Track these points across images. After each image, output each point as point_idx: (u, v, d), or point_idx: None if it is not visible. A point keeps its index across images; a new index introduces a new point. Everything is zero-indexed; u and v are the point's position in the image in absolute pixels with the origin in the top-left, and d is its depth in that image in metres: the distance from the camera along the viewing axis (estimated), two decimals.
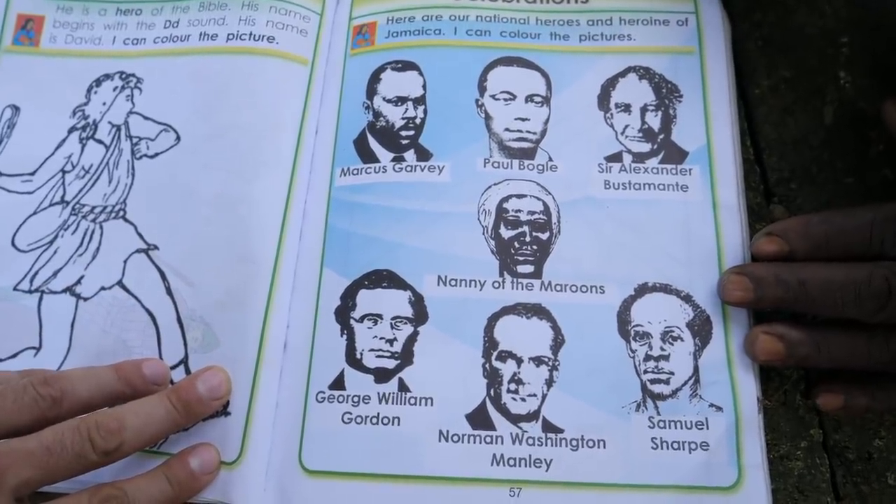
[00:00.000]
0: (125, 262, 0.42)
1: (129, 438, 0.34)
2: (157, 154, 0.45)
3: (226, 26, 0.47)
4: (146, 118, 0.46)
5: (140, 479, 0.35)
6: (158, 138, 0.45)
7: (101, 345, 0.40)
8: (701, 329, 0.39)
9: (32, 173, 0.45)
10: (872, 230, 0.36)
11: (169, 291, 0.41)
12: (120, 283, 0.42)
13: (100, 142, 0.45)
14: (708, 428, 0.37)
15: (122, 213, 0.43)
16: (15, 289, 0.42)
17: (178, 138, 0.45)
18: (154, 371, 0.38)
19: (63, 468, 0.33)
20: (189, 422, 0.37)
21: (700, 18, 0.46)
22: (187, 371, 0.39)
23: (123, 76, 0.47)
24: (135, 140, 0.45)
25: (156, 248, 0.42)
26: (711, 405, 0.38)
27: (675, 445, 0.37)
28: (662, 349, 0.39)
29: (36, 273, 0.42)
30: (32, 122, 0.46)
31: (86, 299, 0.42)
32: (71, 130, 0.46)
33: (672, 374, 0.38)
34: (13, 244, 0.43)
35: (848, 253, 0.37)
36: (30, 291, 0.42)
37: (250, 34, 0.47)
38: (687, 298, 0.40)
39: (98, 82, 0.47)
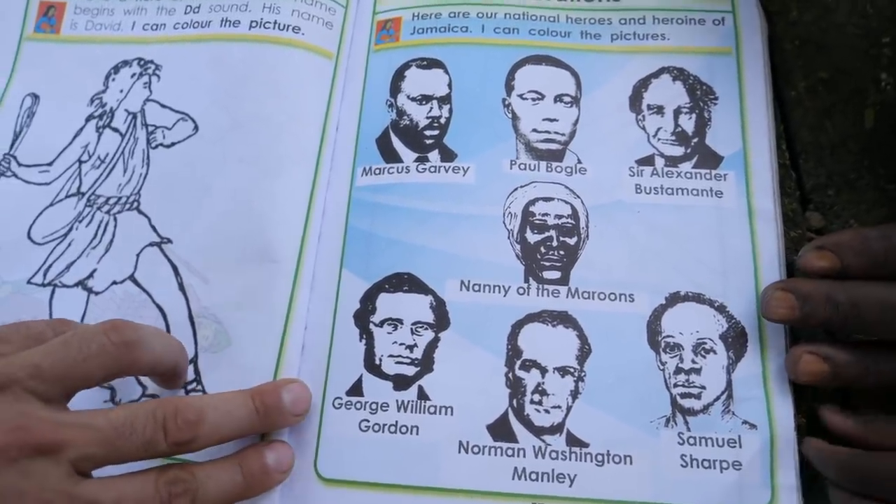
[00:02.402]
0: (138, 255, 0.41)
1: (204, 433, 0.32)
2: (173, 143, 0.44)
3: (249, 13, 0.46)
4: (164, 106, 0.45)
5: (211, 466, 0.33)
6: (175, 127, 0.44)
7: None
8: (735, 342, 0.38)
9: (50, 164, 0.44)
10: None
11: (181, 287, 0.40)
12: (132, 278, 0.41)
13: (116, 130, 0.44)
14: (741, 446, 0.36)
15: (136, 205, 0.42)
16: (29, 282, 0.41)
17: (196, 128, 0.44)
18: None
19: (129, 452, 0.31)
20: (265, 429, 0.36)
21: (737, 17, 0.44)
22: (196, 371, 0.38)
23: (142, 63, 0.46)
24: (151, 128, 0.44)
25: (169, 241, 0.41)
26: (745, 422, 0.36)
27: (706, 464, 0.36)
28: (694, 362, 0.37)
29: (50, 266, 0.41)
30: (51, 111, 0.45)
31: (97, 293, 0.41)
32: (88, 119, 0.45)
33: (704, 388, 0.37)
34: (29, 236, 0.42)
35: None
36: (43, 285, 0.41)
37: (275, 23, 0.45)
38: (721, 309, 0.38)
39: (116, 69, 0.46)
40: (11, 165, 0.44)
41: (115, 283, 0.41)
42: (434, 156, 0.42)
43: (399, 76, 0.44)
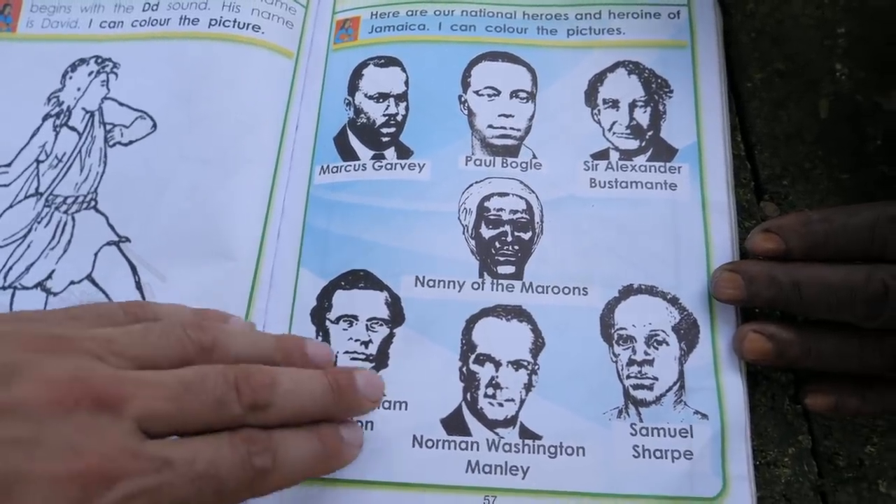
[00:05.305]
0: (96, 254, 0.41)
1: (278, 401, 0.30)
2: (131, 142, 0.44)
3: (208, 11, 0.46)
4: (122, 104, 0.45)
5: (289, 431, 0.31)
6: (133, 125, 0.44)
7: None
8: (687, 333, 0.38)
9: (8, 164, 0.44)
10: (874, 231, 0.35)
11: (139, 286, 0.40)
12: (89, 277, 0.41)
13: (73, 129, 0.44)
14: (692, 436, 0.36)
15: (93, 204, 0.42)
16: None
17: (155, 126, 0.44)
18: (317, 351, 0.35)
19: (198, 410, 0.28)
20: (340, 412, 0.33)
21: (693, 11, 0.45)
22: None
23: (99, 61, 0.46)
24: (108, 127, 0.44)
25: (127, 240, 0.41)
26: (696, 412, 0.36)
27: (658, 454, 0.36)
28: (646, 353, 0.38)
29: (10, 269, 0.42)
30: (8, 111, 0.45)
31: (56, 294, 0.41)
32: (45, 118, 0.45)
33: (656, 379, 0.37)
34: None
35: (847, 254, 0.35)
36: (3, 288, 0.41)
37: (234, 21, 0.46)
38: (673, 301, 0.38)
39: (73, 67, 0.46)
40: None
41: (72, 283, 0.41)
42: (390, 153, 0.42)
43: (357, 75, 0.44)
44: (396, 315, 0.39)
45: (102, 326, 0.30)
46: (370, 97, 0.44)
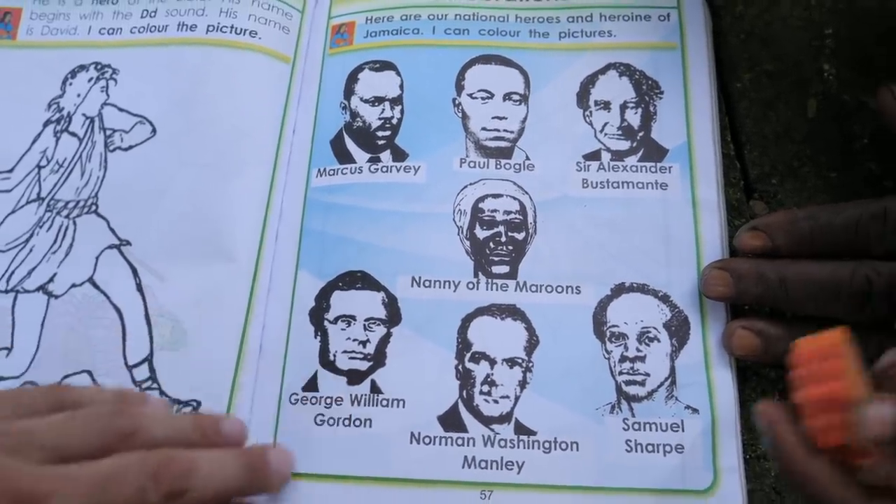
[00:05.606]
0: (97, 258, 0.42)
1: (196, 486, 0.30)
2: (131, 147, 0.44)
3: (206, 17, 0.47)
4: (121, 110, 0.45)
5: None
6: (133, 130, 0.45)
7: (67, 344, 0.40)
8: (678, 330, 0.39)
9: (10, 170, 0.44)
10: (858, 228, 0.36)
11: (139, 288, 0.41)
12: (91, 280, 0.42)
13: (73, 134, 0.45)
14: (683, 430, 0.37)
15: (94, 208, 0.43)
16: None
17: (154, 131, 0.45)
18: (232, 429, 0.35)
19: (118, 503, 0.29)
20: (253, 490, 0.34)
21: (682, 13, 0.45)
22: (151, 369, 0.39)
23: (99, 67, 0.47)
24: (108, 132, 0.45)
25: (128, 243, 0.42)
26: (688, 407, 0.37)
27: (650, 448, 0.37)
28: (639, 350, 0.38)
29: (12, 273, 0.42)
30: (9, 117, 0.46)
31: (57, 297, 0.42)
32: (46, 124, 0.45)
33: (648, 375, 0.38)
34: None
35: (832, 250, 0.36)
36: (6, 291, 0.42)
37: (232, 27, 0.46)
38: (664, 299, 0.39)
39: (73, 73, 0.47)
40: None
41: (74, 285, 0.42)
42: (386, 156, 0.43)
43: (352, 79, 0.45)
44: (393, 315, 0.40)
45: (22, 416, 0.31)
46: (366, 101, 0.45)
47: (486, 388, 0.38)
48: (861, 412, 0.25)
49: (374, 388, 0.38)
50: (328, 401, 0.38)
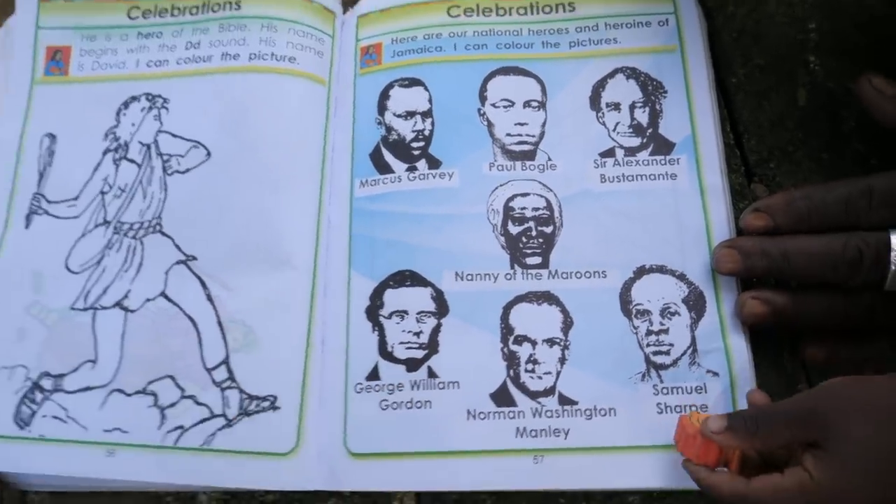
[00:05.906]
0: (167, 273, 0.46)
1: None
2: (188, 169, 0.48)
3: (247, 46, 0.50)
4: (175, 136, 0.49)
5: None
6: (189, 154, 0.49)
7: (148, 353, 0.45)
8: (695, 303, 0.43)
9: (76, 198, 0.49)
10: (847, 205, 0.40)
11: (209, 298, 0.45)
12: (163, 294, 0.46)
13: (132, 161, 0.49)
14: (706, 392, 0.42)
15: (158, 228, 0.47)
16: (72, 308, 0.46)
17: (209, 154, 0.48)
18: None
19: None
20: None
21: (679, 17, 0.50)
22: (229, 370, 0.44)
23: (150, 97, 0.50)
24: (165, 157, 0.49)
25: (194, 258, 0.46)
26: (709, 371, 0.42)
27: (678, 409, 0.41)
28: (662, 324, 0.43)
29: (88, 292, 0.46)
30: (70, 148, 0.50)
31: (133, 311, 0.46)
32: (105, 152, 0.49)
33: (672, 345, 0.43)
34: (67, 267, 0.47)
35: (827, 225, 0.41)
36: (84, 309, 0.46)
37: (272, 54, 0.50)
38: (681, 277, 0.44)
39: (126, 104, 0.50)
40: (42, 203, 0.49)
41: (148, 300, 0.46)
42: (422, 165, 0.48)
43: (384, 96, 0.50)
44: (442, 307, 0.44)
45: None
46: (398, 115, 0.49)
47: (530, 367, 0.43)
48: (703, 425, 0.36)
49: (431, 374, 0.43)
50: (390, 388, 0.43)
